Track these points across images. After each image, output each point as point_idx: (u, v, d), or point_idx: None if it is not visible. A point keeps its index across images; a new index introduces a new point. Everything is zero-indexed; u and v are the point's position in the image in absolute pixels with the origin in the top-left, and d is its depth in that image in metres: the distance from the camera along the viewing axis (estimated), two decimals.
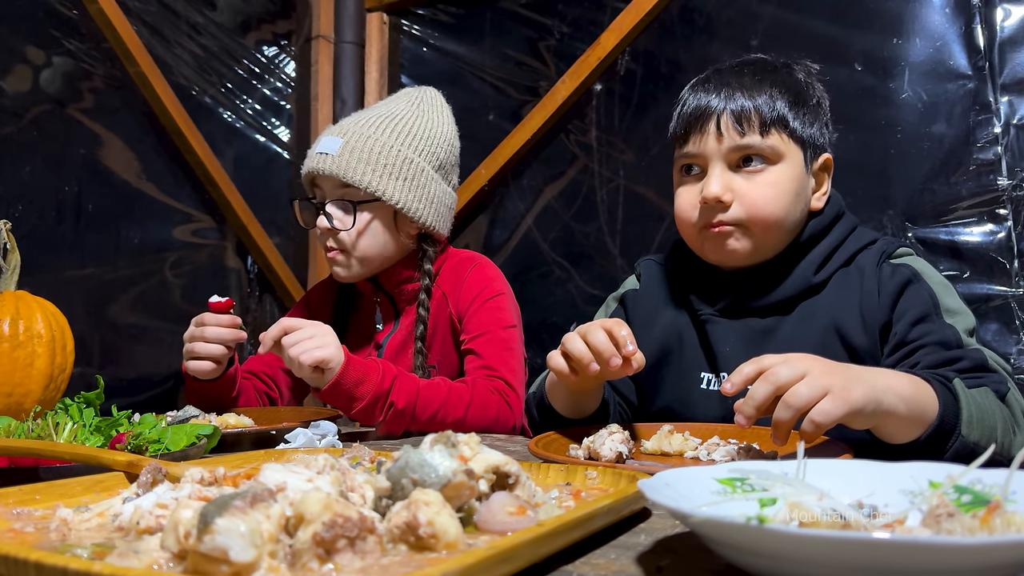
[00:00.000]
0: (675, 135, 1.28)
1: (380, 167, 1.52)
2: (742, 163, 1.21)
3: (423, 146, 1.58)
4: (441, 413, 1.35)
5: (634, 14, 2.20)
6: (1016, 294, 1.77)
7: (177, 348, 2.17)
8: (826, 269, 1.24)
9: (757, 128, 1.19)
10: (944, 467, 0.60)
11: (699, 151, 1.22)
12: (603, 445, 0.98)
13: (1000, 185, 1.80)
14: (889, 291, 1.18)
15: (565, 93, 2.30)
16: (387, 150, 1.54)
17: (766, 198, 1.19)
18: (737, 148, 1.20)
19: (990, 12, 1.83)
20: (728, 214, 1.20)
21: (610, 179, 2.28)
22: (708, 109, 1.21)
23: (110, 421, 1.01)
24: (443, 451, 0.58)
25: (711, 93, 1.23)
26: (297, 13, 2.66)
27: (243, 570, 0.45)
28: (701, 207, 1.22)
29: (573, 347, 1.05)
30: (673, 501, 0.52)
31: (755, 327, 1.24)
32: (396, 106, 1.62)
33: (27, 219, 1.83)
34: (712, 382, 1.27)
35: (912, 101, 1.90)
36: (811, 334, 1.20)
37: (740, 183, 1.20)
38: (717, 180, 1.20)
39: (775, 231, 1.22)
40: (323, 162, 1.53)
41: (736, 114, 1.19)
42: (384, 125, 1.57)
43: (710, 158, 1.21)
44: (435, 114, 1.65)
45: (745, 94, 1.21)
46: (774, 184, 1.20)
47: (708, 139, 1.21)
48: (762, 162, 1.20)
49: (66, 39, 1.93)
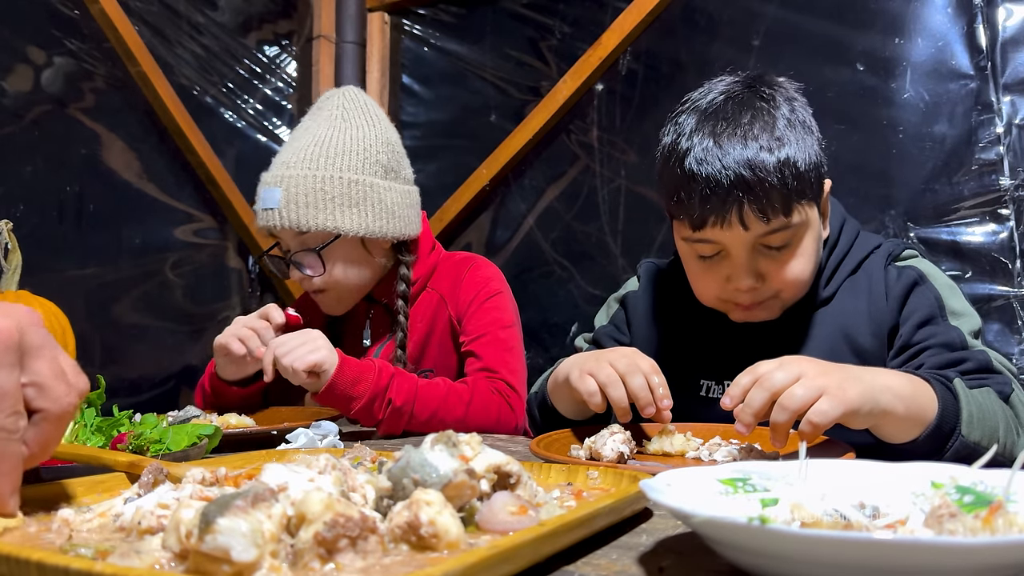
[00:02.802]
0: (685, 217, 1.13)
1: (326, 203, 1.47)
2: (766, 246, 1.13)
3: (359, 161, 1.51)
4: (440, 412, 1.34)
5: (635, 14, 2.20)
6: (1018, 294, 1.77)
7: (178, 348, 2.19)
8: (834, 281, 1.23)
9: (780, 211, 1.09)
10: (946, 468, 0.60)
11: (719, 239, 1.12)
12: (604, 445, 0.98)
13: (1002, 185, 1.80)
14: (896, 294, 1.18)
15: (566, 93, 2.30)
16: (326, 183, 1.47)
17: (796, 271, 1.14)
18: (765, 233, 1.10)
19: (992, 12, 1.83)
20: (759, 292, 1.15)
21: (611, 179, 2.28)
22: (724, 197, 1.07)
23: (111, 421, 1.01)
24: (444, 451, 0.58)
25: (715, 195, 1.08)
26: (298, 13, 2.66)
27: (245, 570, 0.45)
28: (728, 289, 1.16)
29: (614, 395, 1.04)
30: (675, 501, 0.52)
31: (760, 334, 1.22)
32: (319, 130, 1.53)
33: (28, 219, 1.83)
34: (712, 389, 1.25)
35: (914, 101, 1.89)
36: (820, 341, 1.19)
37: (768, 265, 1.13)
38: (746, 271, 1.12)
39: (804, 290, 1.18)
40: (272, 218, 1.48)
41: (759, 206, 1.07)
42: (314, 159, 1.49)
43: (734, 245, 1.12)
44: (360, 120, 1.56)
45: (758, 170, 1.07)
46: (802, 255, 1.14)
47: (733, 230, 1.09)
48: (787, 243, 1.13)
49: (67, 39, 1.93)
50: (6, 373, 0.56)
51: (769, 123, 1.10)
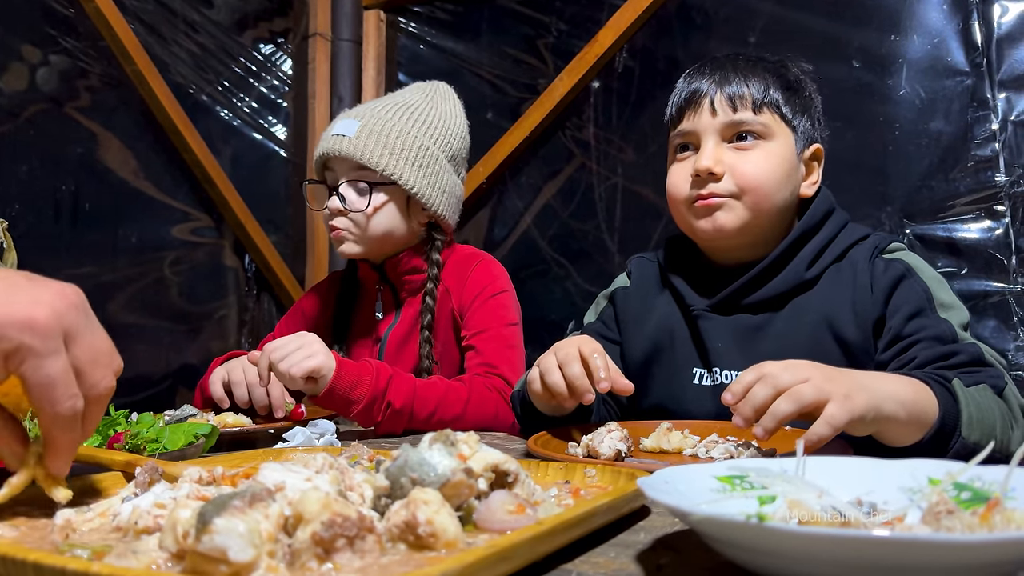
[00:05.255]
0: (670, 118, 1.32)
1: (397, 151, 1.53)
2: (735, 139, 1.24)
3: (438, 135, 1.59)
4: (439, 412, 1.34)
5: (632, 11, 2.20)
6: (1014, 291, 1.77)
7: (175, 347, 2.19)
8: (818, 265, 1.24)
9: (750, 106, 1.23)
10: (943, 464, 0.60)
11: (693, 128, 1.25)
12: (602, 443, 0.98)
13: (998, 182, 1.80)
14: (882, 286, 1.18)
15: (563, 91, 2.30)
16: (404, 135, 1.54)
17: (758, 169, 1.22)
18: (731, 124, 1.23)
19: (988, 8, 1.83)
20: (720, 186, 1.22)
21: (608, 177, 2.28)
22: (702, 89, 1.26)
23: (108, 420, 1.01)
24: (442, 450, 0.58)
25: (705, 76, 1.27)
26: (294, 11, 2.65)
27: (242, 570, 0.45)
28: (693, 180, 1.24)
29: (551, 380, 1.08)
30: (672, 499, 0.52)
31: (747, 323, 1.25)
32: (411, 96, 1.63)
33: (24, 218, 1.82)
34: (704, 377, 1.27)
35: (910, 98, 1.90)
36: (803, 329, 1.21)
37: (732, 156, 1.23)
38: (710, 153, 1.23)
39: (765, 205, 1.23)
40: (340, 143, 1.52)
41: (730, 93, 1.24)
42: (400, 112, 1.57)
43: (703, 133, 1.24)
44: (448, 107, 1.65)
45: (739, 77, 1.25)
46: (765, 158, 1.23)
47: (702, 115, 1.24)
48: (754, 138, 1.23)
49: (63, 37, 1.92)
50: (55, 360, 0.58)
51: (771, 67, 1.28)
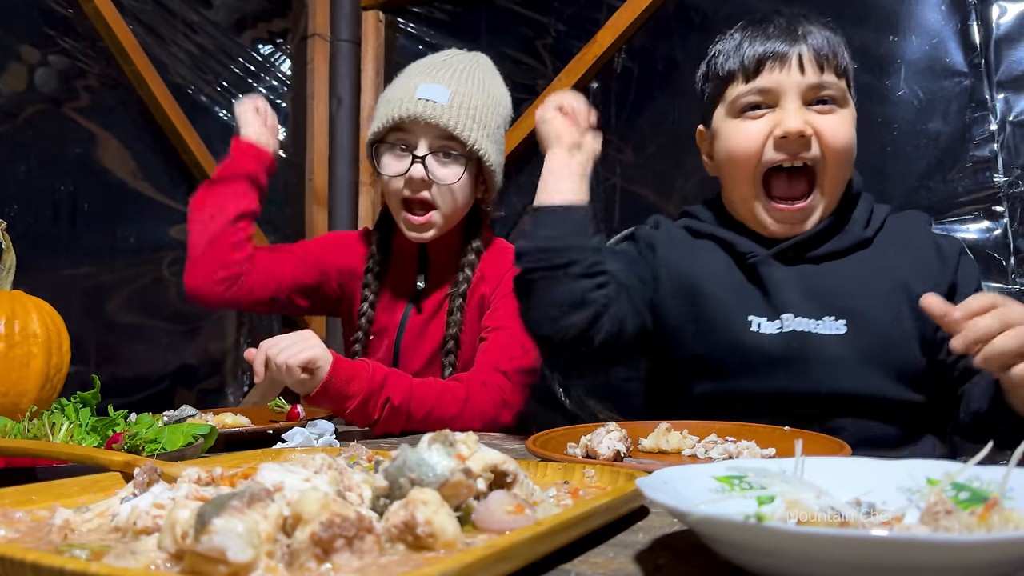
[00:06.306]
0: (738, 69, 1.20)
1: (481, 126, 1.48)
2: (815, 103, 1.16)
3: (504, 112, 1.57)
4: (436, 411, 1.33)
5: (630, 12, 2.20)
6: (1013, 291, 1.78)
7: (173, 347, 2.18)
8: (872, 225, 1.23)
9: (834, 70, 1.16)
10: (942, 464, 0.60)
11: (775, 85, 1.16)
12: (601, 443, 0.98)
13: (996, 182, 1.80)
14: (950, 255, 1.20)
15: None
16: (487, 111, 1.50)
17: (845, 136, 1.16)
18: (816, 85, 1.15)
19: (986, 9, 1.84)
20: (807, 150, 1.15)
21: (607, 177, 2.28)
22: (788, 43, 1.16)
23: (106, 421, 1.00)
24: (441, 450, 0.58)
25: (782, 31, 1.18)
26: (293, 11, 2.65)
27: (241, 570, 0.45)
28: (776, 142, 1.16)
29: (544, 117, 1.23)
30: (671, 499, 0.52)
31: (814, 272, 1.20)
32: (471, 65, 1.56)
33: (23, 219, 1.82)
34: (764, 325, 1.20)
35: (908, 98, 1.90)
36: (873, 281, 1.19)
37: (816, 120, 1.15)
38: (799, 114, 1.14)
39: (844, 177, 1.19)
40: (433, 109, 1.45)
41: (818, 51, 1.15)
42: (478, 85, 1.51)
43: (786, 92, 1.15)
44: (502, 84, 1.61)
45: (823, 37, 1.17)
46: (848, 124, 1.17)
47: (790, 71, 1.15)
48: (832, 104, 1.17)
49: (61, 38, 1.92)
50: None
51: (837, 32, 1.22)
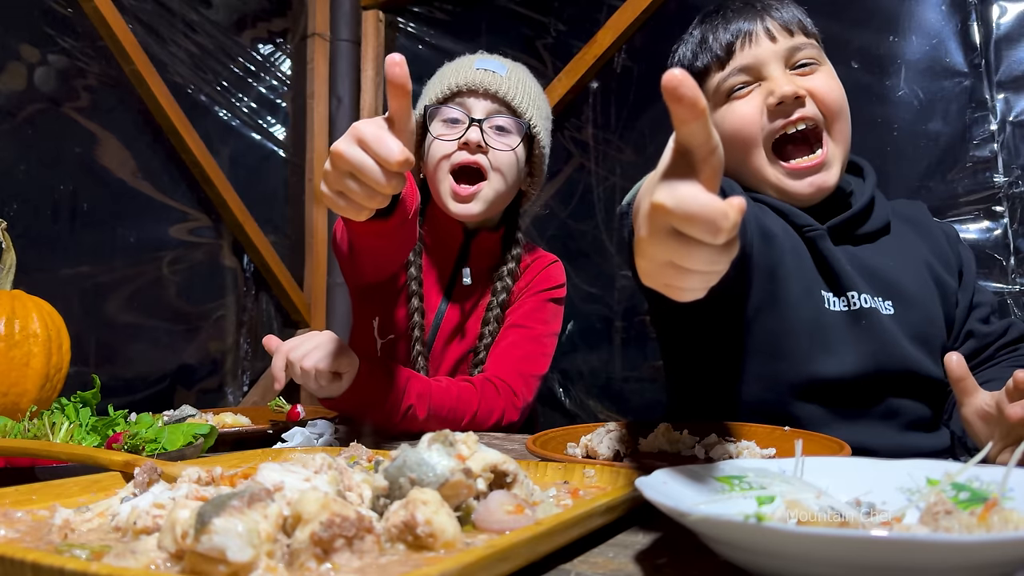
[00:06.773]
0: (713, 60, 1.20)
1: (537, 107, 1.48)
2: (796, 67, 1.17)
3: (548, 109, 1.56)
4: (453, 415, 1.31)
5: (630, 12, 2.20)
6: (1012, 291, 1.78)
7: (173, 347, 2.18)
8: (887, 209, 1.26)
9: (803, 31, 1.17)
10: (942, 465, 0.60)
11: (753, 60, 1.16)
12: (601, 443, 0.98)
13: (996, 182, 1.80)
14: (953, 239, 1.26)
15: (561, 91, 2.30)
16: (539, 96, 1.50)
17: (837, 90, 1.16)
18: (792, 48, 1.16)
19: (986, 9, 1.84)
20: (806, 111, 1.14)
21: (607, 177, 2.28)
22: (751, 20, 1.18)
23: (106, 421, 1.00)
24: (441, 450, 0.58)
25: (741, 13, 1.19)
26: (293, 11, 2.65)
27: (241, 570, 0.45)
28: (772, 111, 1.15)
29: None
30: (671, 499, 0.52)
31: (860, 252, 1.20)
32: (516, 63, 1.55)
33: (22, 218, 1.82)
34: (833, 302, 1.16)
35: (908, 99, 1.90)
36: (909, 264, 1.20)
37: (805, 81, 1.15)
38: (786, 77, 1.14)
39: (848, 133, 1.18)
40: (492, 79, 1.42)
41: (782, 20, 1.17)
42: (527, 73, 1.52)
43: (767, 62, 1.16)
44: None
45: (778, 6, 1.19)
46: (834, 78, 1.17)
47: (760, 43, 1.16)
48: (815, 64, 1.17)
49: (61, 37, 1.92)
50: None
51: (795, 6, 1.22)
